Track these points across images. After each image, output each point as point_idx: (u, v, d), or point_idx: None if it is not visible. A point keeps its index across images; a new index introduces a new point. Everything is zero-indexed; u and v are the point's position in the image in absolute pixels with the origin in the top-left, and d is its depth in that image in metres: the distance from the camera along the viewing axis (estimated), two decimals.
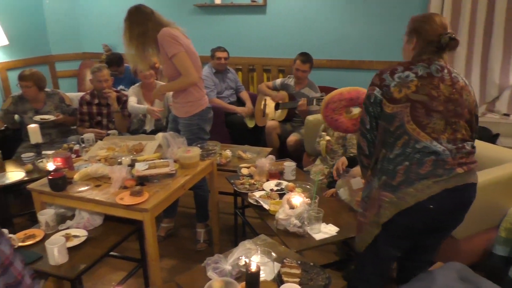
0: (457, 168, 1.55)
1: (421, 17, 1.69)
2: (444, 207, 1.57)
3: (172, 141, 2.40)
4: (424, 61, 1.61)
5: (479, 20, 3.87)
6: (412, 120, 1.55)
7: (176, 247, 2.90)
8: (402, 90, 1.55)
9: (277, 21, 4.58)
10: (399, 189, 1.55)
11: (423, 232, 1.69)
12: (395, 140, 1.58)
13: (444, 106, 1.57)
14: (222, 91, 4.21)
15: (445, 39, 1.59)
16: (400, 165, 1.56)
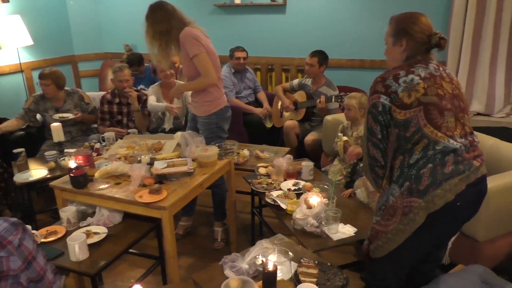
0: (473, 161, 1.55)
1: (407, 18, 1.68)
2: (469, 202, 1.57)
3: (191, 140, 2.42)
4: (420, 62, 1.60)
5: (505, 18, 3.77)
6: (429, 123, 1.53)
7: (194, 245, 2.92)
8: (412, 94, 1.53)
9: (296, 20, 4.56)
10: (427, 193, 1.51)
11: (449, 231, 1.70)
12: (414, 145, 1.56)
13: (451, 103, 1.57)
14: (240, 91, 4.23)
15: (435, 39, 1.60)
16: (424, 168, 1.53)
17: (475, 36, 3.91)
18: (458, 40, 3.98)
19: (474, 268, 1.82)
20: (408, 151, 1.57)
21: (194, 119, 2.79)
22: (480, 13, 3.84)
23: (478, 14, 3.84)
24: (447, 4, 3.98)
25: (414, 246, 1.62)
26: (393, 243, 1.62)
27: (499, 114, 3.98)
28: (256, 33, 4.75)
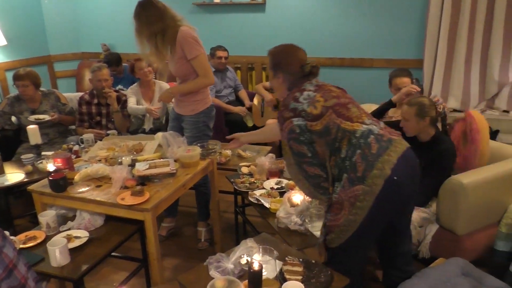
0: (391, 136, 1.66)
1: (280, 52, 1.84)
2: (405, 175, 1.62)
3: (172, 140, 2.40)
4: (303, 83, 1.76)
5: (479, 17, 3.88)
6: (342, 118, 1.65)
7: (178, 246, 2.90)
8: (317, 106, 1.67)
9: (276, 19, 4.58)
10: (366, 177, 1.58)
11: (398, 210, 1.72)
12: (340, 143, 1.65)
13: (346, 97, 1.74)
14: (221, 90, 4.21)
15: (308, 68, 1.77)
16: (355, 156, 1.62)
17: (450, 35, 4.00)
18: (434, 39, 4.07)
19: (454, 261, 1.87)
20: (337, 149, 1.66)
21: (177, 118, 2.76)
22: (455, 12, 3.93)
23: (454, 14, 3.93)
24: (423, 4, 4.05)
25: (368, 230, 1.67)
26: (347, 233, 1.67)
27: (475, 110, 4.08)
28: (236, 32, 4.75)
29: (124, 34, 5.26)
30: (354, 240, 1.68)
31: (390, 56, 4.30)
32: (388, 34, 4.26)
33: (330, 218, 1.71)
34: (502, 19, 3.80)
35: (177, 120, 2.77)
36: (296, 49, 1.84)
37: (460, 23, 3.93)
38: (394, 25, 4.21)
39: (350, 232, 1.66)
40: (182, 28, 2.47)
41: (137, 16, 2.48)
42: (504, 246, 2.23)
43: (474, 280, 1.76)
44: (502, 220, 2.26)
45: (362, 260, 1.85)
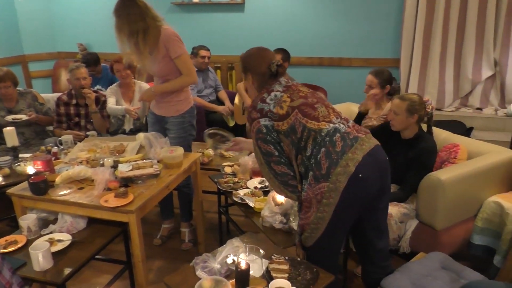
0: (358, 134, 1.70)
1: (246, 56, 1.91)
2: (372, 172, 1.66)
3: (155, 141, 2.39)
4: (274, 82, 1.81)
5: (453, 18, 4.00)
6: (308, 118, 1.70)
7: (162, 248, 2.88)
8: (283, 106, 1.72)
9: (255, 18, 4.60)
10: (330, 174, 1.62)
11: (366, 207, 1.74)
12: (306, 141, 1.70)
13: (315, 97, 1.77)
14: (202, 90, 4.21)
15: (274, 68, 1.81)
16: (319, 154, 1.66)
17: (425, 35, 4.11)
18: (410, 39, 4.17)
19: (433, 256, 1.93)
20: (303, 148, 1.71)
21: (158, 121, 2.72)
22: (430, 12, 4.04)
23: (428, 14, 4.04)
24: (399, 4, 4.15)
25: (337, 227, 1.72)
26: (318, 230, 1.71)
27: (449, 108, 4.21)
28: (215, 32, 4.74)
29: (101, 33, 5.20)
30: (326, 237, 1.72)
31: (368, 56, 4.38)
32: (366, 34, 4.34)
33: (301, 217, 1.76)
34: (474, 19, 3.93)
35: (158, 123, 2.73)
36: (264, 50, 1.89)
37: (435, 22, 4.05)
38: (372, 25, 4.30)
39: (321, 229, 1.70)
40: (164, 27, 2.45)
41: (118, 13, 2.43)
42: (480, 239, 2.31)
43: (453, 273, 1.82)
44: (478, 215, 2.34)
45: (337, 257, 1.89)
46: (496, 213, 2.27)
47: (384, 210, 1.84)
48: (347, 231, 1.82)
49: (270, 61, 1.83)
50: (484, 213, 2.31)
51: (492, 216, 2.28)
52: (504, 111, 3.96)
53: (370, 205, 1.75)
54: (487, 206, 2.30)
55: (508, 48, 3.94)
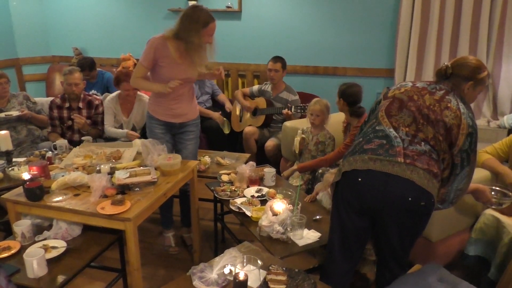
0: (398, 157, 1.68)
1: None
2: (372, 188, 1.69)
3: (152, 148, 2.37)
4: (433, 83, 1.85)
5: (446, 30, 4.05)
6: (385, 110, 1.82)
7: (157, 255, 2.86)
8: (394, 91, 1.86)
9: (252, 26, 4.62)
10: (345, 157, 1.82)
11: (364, 211, 1.76)
12: (367, 124, 1.88)
13: (417, 108, 1.75)
14: (198, 97, 4.20)
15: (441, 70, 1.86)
16: (356, 141, 1.82)
17: (420, 45, 4.16)
18: (404, 50, 4.21)
19: (430, 268, 1.92)
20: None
21: (169, 130, 2.72)
22: (424, 23, 4.09)
23: (423, 24, 4.09)
24: (394, 15, 4.19)
25: (334, 210, 1.86)
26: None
27: None
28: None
29: (97, 38, 5.18)
30: (331, 223, 1.91)
31: (363, 65, 4.42)
32: (361, 44, 4.38)
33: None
34: (467, 31, 3.98)
35: (169, 132, 2.73)
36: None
37: (429, 34, 4.09)
38: (367, 35, 4.33)
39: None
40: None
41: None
42: (474, 250, 2.32)
43: (449, 286, 1.82)
44: (474, 226, 2.35)
45: (337, 261, 1.91)
46: (492, 225, 2.28)
47: (396, 221, 1.77)
48: (348, 236, 1.85)
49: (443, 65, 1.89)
50: (481, 225, 2.32)
51: (488, 228, 2.29)
52: (497, 122, 4.00)
53: (375, 216, 1.78)
54: (484, 217, 2.32)
55: (500, 60, 4.00)
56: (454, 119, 1.72)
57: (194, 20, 2.40)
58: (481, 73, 1.79)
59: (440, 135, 1.72)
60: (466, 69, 1.79)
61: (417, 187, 1.66)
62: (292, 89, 3.86)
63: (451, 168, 1.80)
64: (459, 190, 1.84)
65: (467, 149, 1.75)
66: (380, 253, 1.98)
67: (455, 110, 1.73)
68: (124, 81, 3.31)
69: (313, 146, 2.85)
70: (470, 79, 1.78)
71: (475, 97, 1.86)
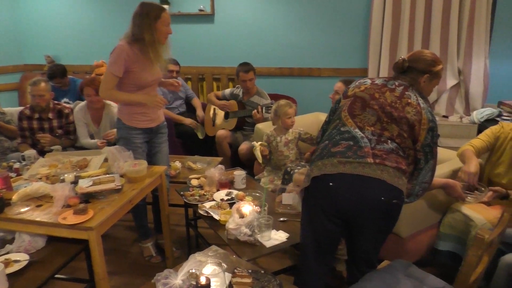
0: (368, 158, 1.67)
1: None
2: (345, 191, 1.67)
3: (118, 155, 2.34)
4: (391, 79, 1.86)
5: (417, 29, 4.10)
6: (347, 110, 1.81)
7: (128, 264, 2.81)
8: (354, 89, 1.87)
9: (225, 30, 4.61)
10: (313, 163, 1.78)
11: (335, 215, 1.74)
12: (330, 125, 1.86)
13: (380, 106, 1.75)
14: (171, 102, 4.16)
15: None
16: (322, 143, 1.80)
17: (392, 45, 4.20)
18: (377, 49, 4.25)
19: (397, 263, 1.94)
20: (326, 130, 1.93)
21: (146, 136, 2.65)
22: (396, 23, 4.13)
23: (394, 24, 4.14)
24: (366, 15, 4.23)
25: (306, 215, 1.84)
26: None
27: None
28: (185, 43, 4.73)
29: (70, 45, 5.11)
30: (301, 222, 1.90)
31: (337, 66, 4.44)
32: (335, 44, 4.41)
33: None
34: (438, 30, 4.04)
35: (146, 139, 2.66)
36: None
37: (400, 34, 4.14)
38: (340, 35, 4.36)
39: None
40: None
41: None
42: (444, 245, 2.34)
43: (416, 281, 1.83)
44: (442, 221, 2.38)
45: (311, 243, 1.86)
46: (460, 219, 2.30)
47: (368, 221, 1.76)
48: (321, 240, 1.83)
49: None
50: (448, 219, 2.34)
51: (456, 223, 2.31)
52: (469, 118, 4.07)
53: (348, 219, 1.75)
54: (451, 212, 2.34)
55: (470, 58, 4.06)
56: (415, 115, 1.73)
57: (144, 16, 2.35)
58: (436, 66, 1.81)
59: (404, 132, 1.73)
60: (422, 63, 1.81)
61: (389, 185, 1.66)
62: (264, 93, 3.85)
63: (415, 163, 1.80)
64: (424, 183, 1.86)
65: (429, 143, 1.76)
66: (352, 253, 1.98)
67: (416, 105, 1.74)
68: (85, 86, 3.24)
69: (284, 147, 2.85)
70: (426, 72, 1.80)
71: (431, 90, 1.88)
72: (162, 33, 2.42)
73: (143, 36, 2.36)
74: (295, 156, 2.86)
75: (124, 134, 2.58)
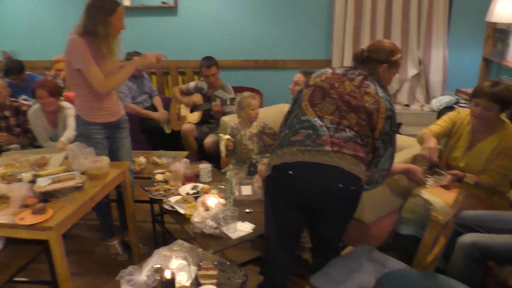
0: (326, 146, 1.69)
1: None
2: (304, 179, 1.69)
3: (79, 152, 2.27)
4: (351, 68, 1.88)
5: (379, 20, 4.19)
6: (308, 99, 1.83)
7: (94, 263, 2.75)
8: (315, 79, 1.88)
9: (189, 22, 4.55)
10: (273, 151, 1.81)
11: (296, 203, 1.75)
12: (291, 114, 1.88)
13: (339, 95, 1.77)
14: (136, 97, 4.08)
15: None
16: (283, 133, 1.82)
17: (355, 37, 4.27)
18: (340, 40, 4.31)
19: (360, 249, 1.99)
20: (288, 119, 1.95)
21: (108, 131, 2.58)
22: (358, 14, 4.20)
23: (356, 15, 4.20)
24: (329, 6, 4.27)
25: (268, 204, 1.84)
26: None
27: None
28: (148, 36, 4.63)
29: (28, 40, 4.92)
30: (265, 212, 1.88)
31: (301, 57, 4.48)
32: (299, 36, 4.43)
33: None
34: (399, 21, 4.14)
35: (106, 136, 2.58)
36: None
37: (363, 25, 4.21)
38: (304, 27, 4.39)
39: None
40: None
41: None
42: (406, 230, 2.41)
43: (378, 264, 1.88)
44: (404, 206, 2.44)
45: (274, 231, 1.87)
46: (420, 204, 2.37)
47: (330, 209, 1.78)
48: (285, 229, 1.84)
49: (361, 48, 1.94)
50: (409, 204, 2.41)
51: (417, 207, 2.38)
52: (429, 106, 4.19)
53: (309, 207, 1.77)
54: (412, 197, 2.41)
55: (430, 48, 4.18)
56: (373, 103, 1.76)
57: (99, 9, 2.28)
58: (395, 55, 1.85)
59: (363, 120, 1.76)
60: (381, 52, 1.84)
61: (347, 173, 1.68)
62: (228, 87, 3.83)
63: (374, 151, 1.84)
64: (383, 171, 1.90)
65: (387, 131, 1.80)
66: (315, 241, 2.01)
67: (374, 94, 1.77)
68: (37, 88, 3.07)
69: (248, 140, 2.85)
70: (385, 62, 1.84)
71: (390, 79, 1.92)
72: (116, 28, 2.35)
73: (96, 30, 2.29)
74: (259, 149, 2.87)
75: (83, 130, 2.50)
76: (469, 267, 1.99)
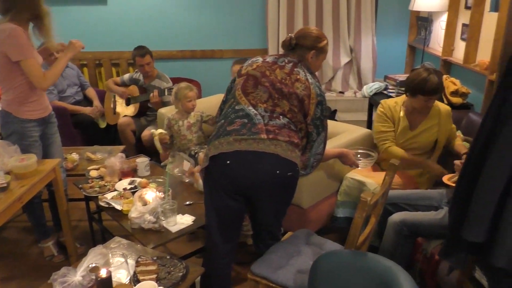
0: (261, 134, 1.73)
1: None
2: (242, 168, 1.72)
3: (2, 150, 2.12)
4: (281, 56, 1.91)
5: (311, 9, 4.30)
6: (241, 88, 1.84)
7: (28, 266, 2.60)
8: (247, 68, 1.89)
9: (121, 12, 4.37)
10: (210, 142, 1.81)
11: (235, 192, 1.78)
12: (226, 104, 1.88)
13: (271, 83, 1.80)
14: (64, 90, 3.81)
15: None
16: (219, 123, 1.83)
17: (288, 25, 4.35)
18: (275, 30, 4.37)
19: (299, 233, 2.06)
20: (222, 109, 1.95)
21: (41, 128, 2.43)
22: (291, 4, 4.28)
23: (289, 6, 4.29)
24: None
25: (207, 194, 1.85)
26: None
27: None
28: (77, 26, 4.38)
29: None
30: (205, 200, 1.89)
31: (238, 47, 4.48)
32: (235, 26, 4.43)
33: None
34: (330, 10, 4.28)
35: (41, 132, 2.43)
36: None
37: (296, 14, 4.31)
38: (239, 17, 4.40)
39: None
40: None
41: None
42: (342, 212, 2.53)
43: (316, 247, 1.96)
44: (339, 190, 2.55)
45: (214, 221, 1.87)
46: (354, 186, 2.49)
47: (266, 196, 1.81)
48: (225, 218, 1.85)
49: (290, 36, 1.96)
50: (344, 187, 2.52)
51: (351, 190, 2.50)
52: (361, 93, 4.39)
53: (248, 195, 1.79)
54: (346, 180, 2.52)
55: (360, 36, 4.37)
56: (304, 90, 1.81)
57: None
58: (321, 42, 1.91)
59: (295, 107, 1.81)
60: (308, 39, 1.89)
61: (283, 159, 1.72)
62: (165, 76, 3.74)
63: (308, 136, 1.90)
64: (317, 155, 1.96)
65: (319, 116, 1.86)
66: (255, 228, 2.05)
67: (304, 81, 1.82)
68: None
69: (186, 131, 2.82)
70: (312, 48, 1.89)
71: (319, 65, 1.98)
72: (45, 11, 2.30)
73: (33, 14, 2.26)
74: (198, 139, 2.84)
75: (17, 128, 2.32)
76: (399, 244, 2.14)
